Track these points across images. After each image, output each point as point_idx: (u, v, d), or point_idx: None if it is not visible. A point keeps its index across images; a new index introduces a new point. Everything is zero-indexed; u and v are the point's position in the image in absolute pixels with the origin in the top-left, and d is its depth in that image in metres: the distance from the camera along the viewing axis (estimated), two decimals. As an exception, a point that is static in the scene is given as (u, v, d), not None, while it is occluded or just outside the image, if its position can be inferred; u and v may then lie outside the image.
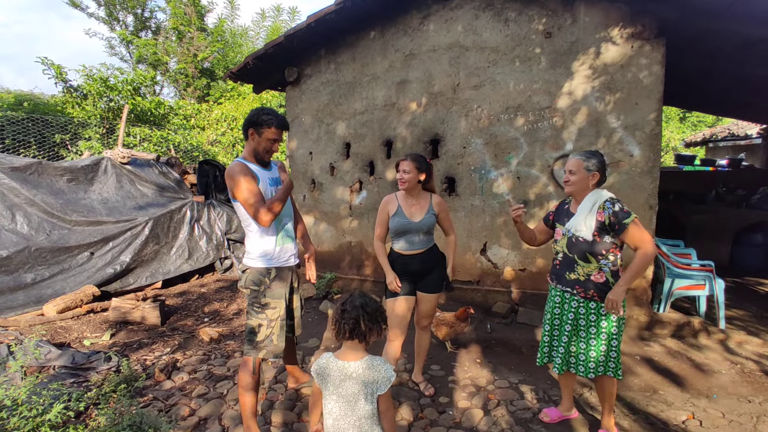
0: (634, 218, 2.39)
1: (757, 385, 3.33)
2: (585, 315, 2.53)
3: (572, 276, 2.55)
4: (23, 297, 4.84)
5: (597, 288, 2.48)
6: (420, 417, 2.92)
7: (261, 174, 2.56)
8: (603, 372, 2.52)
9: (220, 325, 4.63)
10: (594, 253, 2.46)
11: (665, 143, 16.89)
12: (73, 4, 14.89)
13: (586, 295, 2.51)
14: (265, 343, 2.58)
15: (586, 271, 2.50)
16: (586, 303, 2.53)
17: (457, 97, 4.75)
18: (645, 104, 4.01)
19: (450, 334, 3.78)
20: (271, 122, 2.51)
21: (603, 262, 2.47)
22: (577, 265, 2.53)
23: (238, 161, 2.55)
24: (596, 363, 2.52)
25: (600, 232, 2.44)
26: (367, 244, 5.40)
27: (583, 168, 2.50)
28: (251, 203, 2.42)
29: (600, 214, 2.43)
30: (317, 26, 4.90)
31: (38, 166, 5.73)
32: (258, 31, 19.06)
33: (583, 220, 2.47)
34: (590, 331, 2.52)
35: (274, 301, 2.59)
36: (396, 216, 2.94)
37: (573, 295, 2.57)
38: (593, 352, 2.52)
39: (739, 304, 4.96)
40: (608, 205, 2.43)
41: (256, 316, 2.57)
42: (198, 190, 7.32)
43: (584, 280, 2.51)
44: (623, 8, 4.00)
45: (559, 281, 2.64)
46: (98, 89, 9.58)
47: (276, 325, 2.60)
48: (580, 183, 2.51)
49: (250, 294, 2.58)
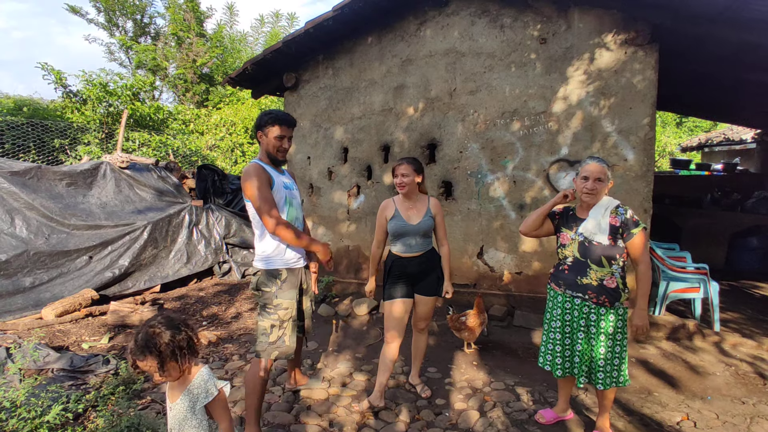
0: (642, 228, 2.42)
1: (751, 387, 3.36)
2: (596, 322, 2.52)
3: (584, 281, 2.52)
4: (22, 301, 4.85)
5: (608, 293, 2.47)
6: (417, 419, 2.94)
7: (275, 175, 2.62)
8: (616, 384, 2.53)
9: (218, 329, 4.64)
10: (609, 257, 2.46)
11: (662, 148, 16.99)
12: (73, 10, 14.99)
13: (598, 300, 2.50)
14: (278, 344, 2.60)
15: (599, 276, 2.49)
16: (597, 309, 2.51)
17: (453, 102, 4.80)
18: (639, 109, 4.06)
19: (477, 333, 3.84)
20: (272, 121, 2.59)
21: (615, 267, 2.48)
22: (590, 270, 2.50)
23: (254, 162, 2.60)
24: (615, 371, 2.53)
25: (614, 237, 2.45)
26: (364, 248, 5.43)
27: (608, 177, 2.49)
28: (268, 204, 2.48)
29: (613, 219, 2.45)
30: (315, 32, 4.96)
31: (37, 171, 5.76)
32: (257, 37, 19.20)
33: (599, 225, 2.48)
34: (600, 338, 2.52)
35: (287, 302, 2.61)
36: (394, 219, 2.98)
37: (584, 300, 2.54)
38: (606, 362, 2.52)
39: (733, 306, 4.99)
40: (621, 211, 2.46)
41: (268, 317, 2.59)
42: (197, 194, 7.35)
43: (597, 285, 2.49)
44: (617, 14, 4.06)
45: (568, 287, 2.59)
46: (97, 94, 9.64)
47: (288, 326, 2.62)
48: (602, 192, 2.50)
49: (263, 296, 2.60)
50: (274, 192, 2.57)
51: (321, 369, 3.68)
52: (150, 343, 1.65)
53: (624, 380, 2.54)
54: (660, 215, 6.19)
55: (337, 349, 4.08)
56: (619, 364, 2.53)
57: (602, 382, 2.52)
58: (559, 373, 2.65)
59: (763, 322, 4.56)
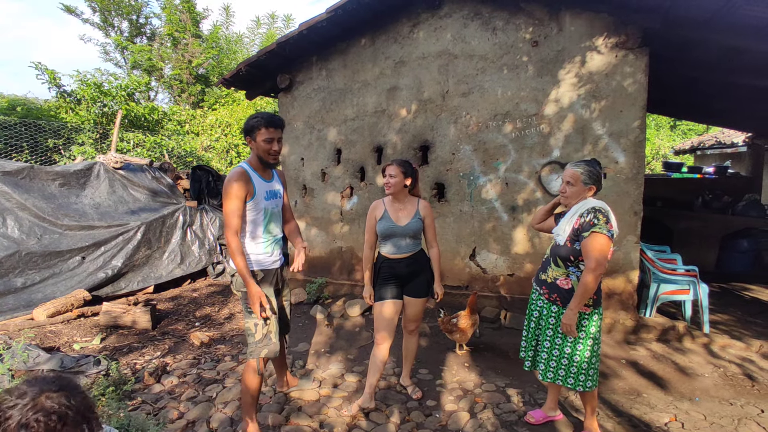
0: (592, 232, 2.34)
1: (739, 388, 3.39)
2: (546, 317, 2.61)
3: (543, 276, 2.65)
4: (13, 301, 4.83)
5: (561, 293, 2.53)
6: (407, 420, 2.95)
7: (258, 185, 2.59)
8: (562, 383, 2.54)
9: (211, 329, 4.64)
10: (564, 258, 2.50)
11: (655, 151, 17.10)
12: (68, 10, 14.93)
13: (550, 297, 2.58)
14: (265, 341, 2.61)
15: (554, 275, 2.56)
16: (548, 305, 2.60)
17: (446, 104, 4.82)
18: (629, 112, 4.09)
19: (469, 335, 3.85)
20: (259, 124, 2.55)
21: (572, 269, 2.50)
22: (549, 268, 2.60)
23: (240, 167, 2.58)
24: (552, 370, 2.56)
25: (572, 239, 2.47)
26: (357, 250, 5.44)
27: (580, 181, 2.49)
28: (232, 215, 2.48)
29: (576, 221, 2.46)
30: (309, 34, 4.97)
31: (30, 171, 5.74)
32: (253, 38, 19.19)
33: (564, 226, 2.53)
34: (547, 333, 2.59)
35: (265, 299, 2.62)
36: (382, 220, 2.99)
37: (540, 295, 2.65)
38: (548, 357, 2.58)
39: (723, 308, 5.03)
40: (584, 213, 2.43)
41: (250, 317, 2.61)
42: (191, 195, 7.34)
43: (551, 282, 2.58)
44: (607, 18, 4.09)
45: (535, 280, 2.74)
46: (92, 94, 9.60)
47: (271, 323, 2.63)
48: (575, 196, 2.52)
49: (243, 296, 2.62)
50: (254, 204, 2.56)
51: (312, 370, 3.69)
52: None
53: (576, 383, 2.51)
54: (651, 218, 6.24)
55: (329, 351, 4.08)
56: (569, 365, 2.52)
57: (542, 373, 2.59)
58: (528, 364, 2.76)
59: (752, 323, 4.60)
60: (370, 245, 3.09)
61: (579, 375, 2.52)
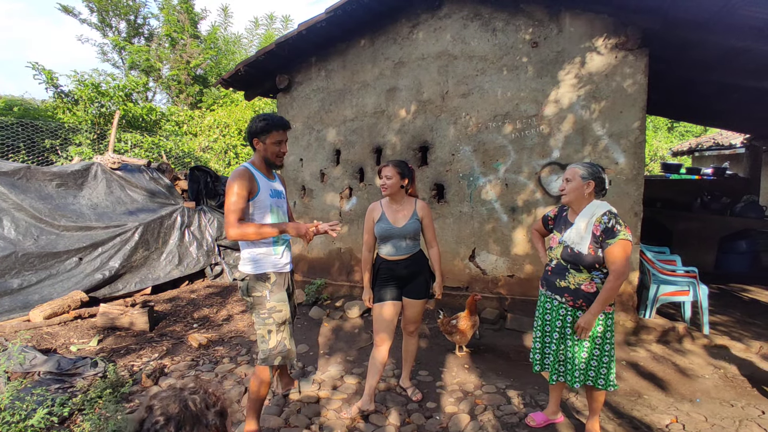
0: (619, 240, 2.36)
1: (740, 390, 3.38)
2: (572, 324, 2.54)
3: (562, 284, 2.56)
4: (9, 302, 4.79)
5: (586, 298, 2.48)
6: (407, 422, 2.93)
7: (263, 182, 2.56)
8: (593, 384, 2.53)
9: (209, 331, 4.61)
10: (587, 266, 2.46)
11: (654, 152, 17.13)
12: (66, 10, 14.89)
13: (575, 304, 2.51)
14: (279, 348, 2.56)
15: (577, 280, 2.51)
16: (574, 312, 2.53)
17: (445, 104, 4.81)
18: (629, 113, 4.09)
19: (469, 336, 3.82)
20: (269, 127, 2.52)
21: (595, 273, 2.48)
22: (568, 274, 2.53)
23: (244, 166, 2.54)
24: (583, 373, 2.54)
25: (595, 246, 2.43)
26: (356, 251, 5.42)
27: (578, 176, 2.49)
28: (230, 213, 2.40)
29: (596, 228, 2.43)
30: (308, 34, 4.96)
31: (27, 171, 5.70)
32: (251, 39, 19.19)
33: (580, 233, 2.47)
34: (575, 339, 2.53)
35: (279, 304, 2.57)
36: (380, 222, 2.97)
37: (561, 303, 2.57)
38: (579, 362, 2.53)
39: (723, 309, 5.03)
40: (605, 219, 2.42)
41: (263, 323, 2.54)
42: (189, 196, 7.31)
43: (574, 288, 2.51)
44: (607, 19, 4.09)
45: (549, 287, 2.64)
46: (89, 95, 9.56)
47: (285, 329, 2.59)
48: (575, 192, 2.51)
49: (254, 301, 2.55)
50: (259, 200, 2.52)
51: (312, 372, 3.66)
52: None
53: (606, 384, 2.53)
54: (651, 219, 6.24)
55: (328, 352, 4.06)
56: (598, 367, 2.52)
57: (578, 380, 2.54)
58: (538, 368, 2.73)
59: (752, 324, 4.60)
60: (369, 247, 3.07)
61: (609, 375, 2.53)
